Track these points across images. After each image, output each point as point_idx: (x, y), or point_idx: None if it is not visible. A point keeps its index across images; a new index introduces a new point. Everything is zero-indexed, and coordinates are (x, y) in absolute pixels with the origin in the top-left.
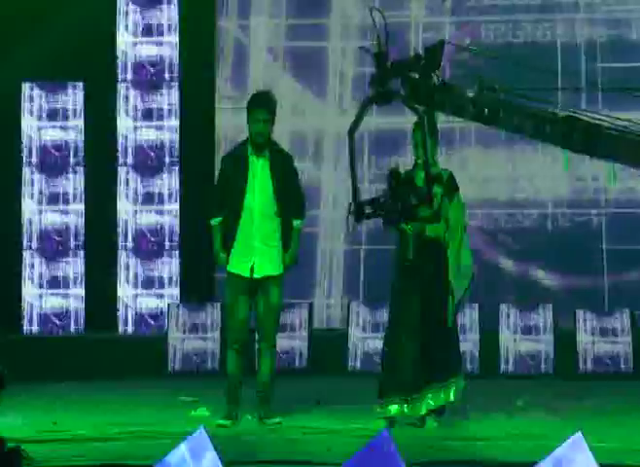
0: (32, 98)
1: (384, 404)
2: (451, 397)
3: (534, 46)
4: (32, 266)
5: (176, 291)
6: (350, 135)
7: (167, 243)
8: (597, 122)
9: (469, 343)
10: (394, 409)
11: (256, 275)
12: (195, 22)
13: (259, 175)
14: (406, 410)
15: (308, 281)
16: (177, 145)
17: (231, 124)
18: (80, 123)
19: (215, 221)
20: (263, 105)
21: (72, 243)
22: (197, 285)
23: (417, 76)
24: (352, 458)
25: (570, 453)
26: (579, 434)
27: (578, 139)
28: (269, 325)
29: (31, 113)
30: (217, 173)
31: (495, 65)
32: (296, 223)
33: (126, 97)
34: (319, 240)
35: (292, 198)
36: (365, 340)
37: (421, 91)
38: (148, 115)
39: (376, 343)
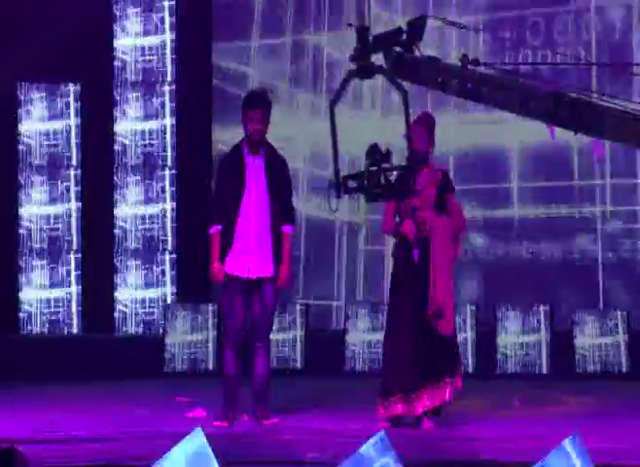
0: (29, 99)
1: (389, 404)
2: (447, 397)
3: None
4: (30, 266)
5: (172, 291)
6: (331, 108)
7: (164, 243)
8: (584, 97)
9: (466, 344)
10: (398, 408)
11: (252, 275)
12: (192, 23)
13: (255, 175)
14: (405, 409)
15: (306, 281)
16: (174, 146)
17: (228, 124)
18: (77, 123)
19: (214, 230)
20: (258, 104)
21: (69, 244)
22: (194, 286)
23: (400, 50)
24: (349, 459)
25: (567, 454)
26: (575, 434)
27: (564, 115)
28: (265, 325)
29: (28, 114)
30: (214, 177)
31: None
32: (287, 229)
33: (123, 98)
34: (318, 241)
35: (283, 203)
36: (362, 340)
37: (404, 65)
38: (145, 115)
39: (373, 344)
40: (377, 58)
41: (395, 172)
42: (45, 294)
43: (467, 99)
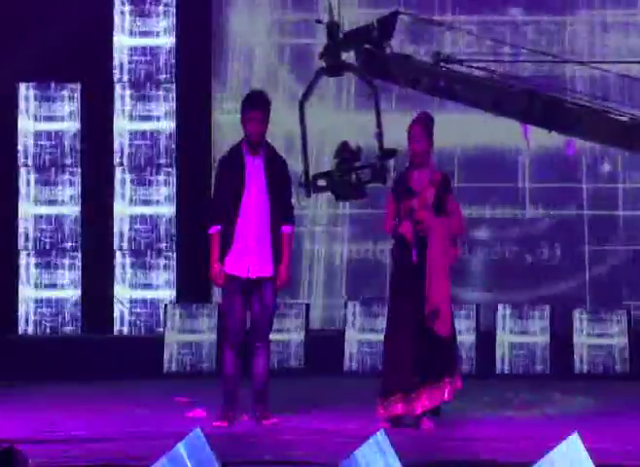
0: (28, 99)
1: (389, 404)
2: (446, 397)
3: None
4: (28, 266)
5: (172, 292)
6: (301, 107)
7: (163, 244)
8: (558, 96)
9: (466, 344)
10: (398, 408)
11: (251, 275)
12: (191, 23)
13: (254, 175)
14: (404, 409)
15: (305, 281)
16: (173, 146)
17: (227, 124)
18: (76, 124)
19: (213, 230)
20: (257, 105)
21: (68, 244)
22: (193, 286)
23: (370, 47)
24: (349, 459)
25: (566, 454)
26: (575, 434)
27: (537, 113)
28: (264, 325)
29: (27, 114)
30: (214, 177)
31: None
32: (287, 229)
33: (123, 98)
34: (317, 241)
35: (283, 203)
36: (361, 340)
37: (375, 62)
38: (144, 116)
39: (373, 344)
40: (348, 56)
41: (366, 170)
42: (44, 294)
43: (440, 97)
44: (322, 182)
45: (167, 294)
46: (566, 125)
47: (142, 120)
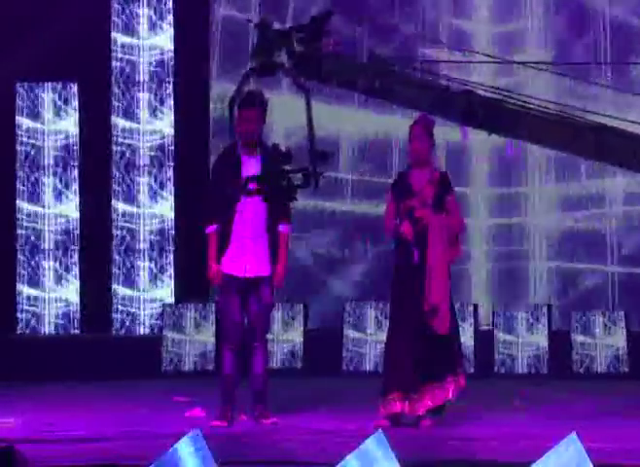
0: (27, 98)
1: (388, 402)
2: (450, 395)
3: None
4: (29, 266)
5: (171, 291)
6: (230, 107)
7: (163, 243)
8: (498, 97)
9: (465, 344)
10: (397, 407)
11: (249, 275)
12: (190, 22)
13: (251, 174)
14: (406, 409)
15: (304, 281)
16: (172, 146)
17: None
18: (74, 123)
19: (210, 229)
20: (253, 105)
21: (67, 243)
22: (194, 286)
23: (302, 47)
24: (347, 459)
25: (565, 454)
26: (574, 434)
27: (477, 115)
28: (262, 324)
29: (27, 113)
30: (210, 176)
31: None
32: (284, 228)
33: (121, 96)
34: (316, 240)
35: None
36: (362, 340)
37: (307, 63)
38: (143, 114)
39: (373, 344)
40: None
41: (298, 174)
42: (44, 293)
43: (376, 98)
44: (253, 185)
45: (167, 294)
46: (507, 127)
47: (142, 118)
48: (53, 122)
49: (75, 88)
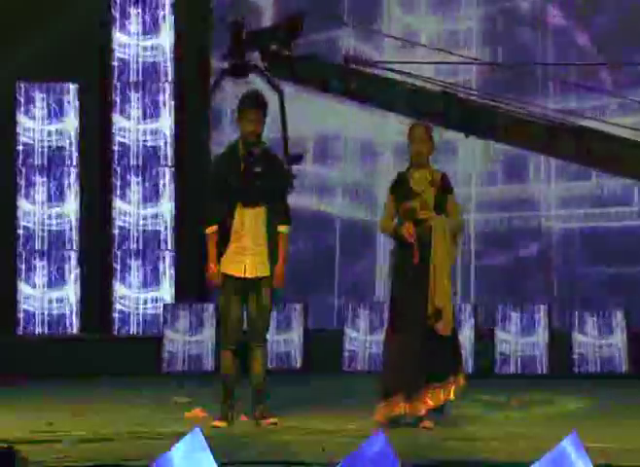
0: (28, 98)
1: (389, 403)
2: (451, 395)
3: None
4: (29, 266)
5: (171, 291)
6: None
7: (163, 243)
8: (475, 98)
9: (465, 344)
10: (399, 408)
11: (248, 276)
12: (190, 21)
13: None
14: (407, 409)
15: (304, 281)
16: (173, 146)
17: (227, 124)
18: (75, 122)
19: (210, 230)
20: (254, 105)
21: (68, 243)
22: (193, 286)
23: (276, 47)
24: (347, 459)
25: (565, 454)
26: (574, 434)
27: (454, 116)
28: (261, 325)
29: (27, 113)
30: (210, 176)
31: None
32: (283, 228)
33: (123, 97)
34: (316, 240)
35: (279, 202)
36: (360, 340)
37: (281, 64)
38: (143, 114)
39: (373, 344)
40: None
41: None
42: (44, 293)
43: (352, 100)
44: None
45: (167, 293)
46: (484, 129)
47: (141, 118)
48: (53, 121)
49: (75, 87)
